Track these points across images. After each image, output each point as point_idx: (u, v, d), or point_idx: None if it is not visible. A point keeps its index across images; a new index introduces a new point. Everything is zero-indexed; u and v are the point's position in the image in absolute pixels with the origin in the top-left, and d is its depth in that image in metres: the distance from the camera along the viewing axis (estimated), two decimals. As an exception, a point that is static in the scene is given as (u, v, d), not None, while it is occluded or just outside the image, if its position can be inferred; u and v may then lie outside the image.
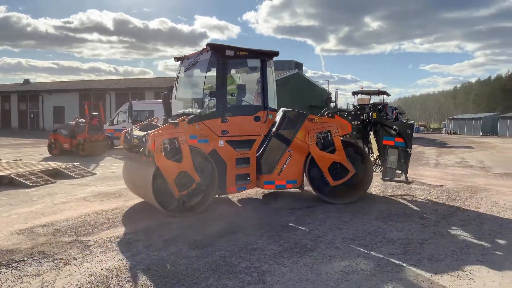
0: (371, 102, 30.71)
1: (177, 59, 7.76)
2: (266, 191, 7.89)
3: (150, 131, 6.16)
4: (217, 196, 6.92)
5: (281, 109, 7.56)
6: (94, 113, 16.62)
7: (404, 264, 4.15)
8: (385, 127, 7.73)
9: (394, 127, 7.61)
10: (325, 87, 38.52)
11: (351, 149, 7.37)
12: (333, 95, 38.45)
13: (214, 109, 6.86)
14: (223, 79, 6.83)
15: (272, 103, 7.40)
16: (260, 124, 7.17)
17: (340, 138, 7.23)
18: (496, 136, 45.43)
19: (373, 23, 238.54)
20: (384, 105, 32.05)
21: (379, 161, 8.07)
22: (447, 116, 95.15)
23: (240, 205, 7.14)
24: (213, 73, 6.85)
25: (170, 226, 5.60)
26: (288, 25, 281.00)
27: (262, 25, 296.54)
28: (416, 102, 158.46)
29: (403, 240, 4.95)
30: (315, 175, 7.24)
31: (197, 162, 6.39)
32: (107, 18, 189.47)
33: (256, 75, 7.40)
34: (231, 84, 7.42)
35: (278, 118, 7.34)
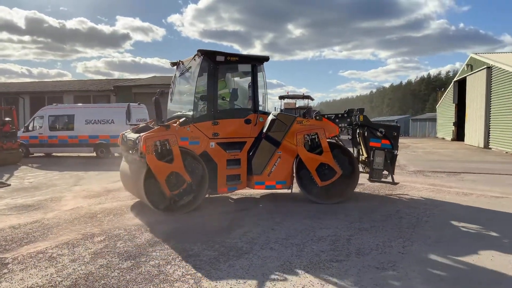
0: (297, 106, 31.84)
1: (173, 64, 8.13)
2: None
3: (142, 133, 6.52)
4: (207, 195, 7.21)
5: (272, 112, 7.94)
6: (7, 118, 15.26)
7: (334, 260, 4.36)
8: (371, 129, 7.85)
9: (380, 129, 7.72)
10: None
11: (338, 150, 7.58)
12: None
13: (205, 112, 7.19)
14: (213, 83, 7.17)
15: (263, 106, 7.83)
16: (251, 127, 7.48)
17: (328, 140, 7.51)
18: (408, 136, 49.43)
19: (296, 31, 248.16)
20: (309, 108, 33.44)
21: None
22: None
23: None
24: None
25: (95, 238, 5.31)
26: (214, 29, 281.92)
27: (188, 28, 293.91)
28: (337, 106, 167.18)
29: (332, 237, 5.20)
30: (304, 176, 7.49)
31: (188, 163, 6.70)
32: (17, 16, 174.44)
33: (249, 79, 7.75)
34: (224, 88, 7.80)
35: (268, 120, 7.56)
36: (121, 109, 16.05)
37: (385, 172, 7.79)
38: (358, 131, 8.06)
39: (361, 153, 8.31)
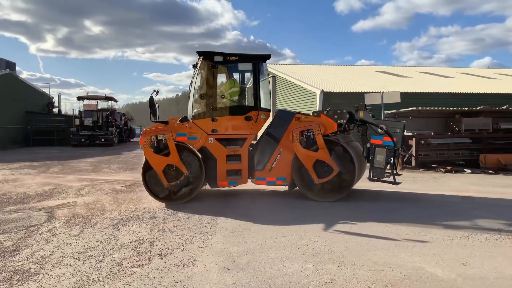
0: (99, 107, 29.91)
1: (194, 66, 8.40)
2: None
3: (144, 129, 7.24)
4: (204, 188, 7.85)
5: (276, 109, 7.82)
6: None
7: (136, 266, 4.29)
8: (372, 126, 7.55)
9: (381, 125, 7.38)
10: (46, 90, 34.80)
11: (339, 148, 7.42)
12: (56, 100, 35.24)
13: (204, 110, 7.67)
14: (212, 82, 7.61)
15: (266, 103, 8.07)
16: (252, 124, 7.69)
17: (329, 137, 7.40)
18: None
19: (94, 28, 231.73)
20: (112, 111, 31.83)
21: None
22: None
23: None
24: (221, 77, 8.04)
25: None
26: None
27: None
28: (144, 108, 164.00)
29: (134, 243, 5.10)
30: (304, 173, 7.45)
31: (184, 157, 7.31)
32: None
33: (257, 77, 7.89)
34: (233, 87, 8.06)
35: (271, 117, 7.83)
36: None
37: (387, 171, 7.44)
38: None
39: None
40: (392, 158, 7.34)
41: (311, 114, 7.90)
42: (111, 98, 31.11)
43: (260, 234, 5.43)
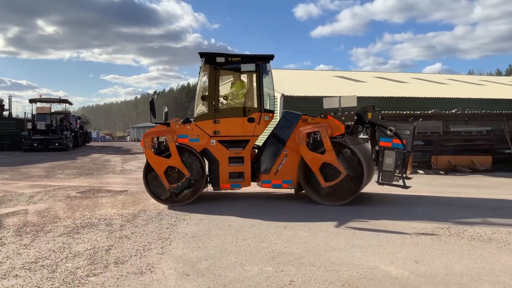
0: (53, 110, 28.73)
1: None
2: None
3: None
4: (211, 190, 7.87)
5: (282, 110, 7.65)
6: None
7: (91, 275, 4.14)
8: (381, 128, 7.33)
9: (390, 127, 7.17)
10: (-5, 93, 33.04)
11: (347, 150, 7.22)
12: (6, 103, 33.45)
13: (206, 111, 7.63)
14: (214, 84, 7.57)
15: (271, 105, 8.01)
16: (254, 126, 7.60)
17: (336, 139, 7.20)
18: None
19: (48, 27, 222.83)
20: (67, 114, 30.69)
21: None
22: (130, 125, 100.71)
23: None
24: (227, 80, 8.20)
25: None
26: None
27: None
28: (101, 111, 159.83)
29: (89, 251, 4.92)
30: (311, 176, 7.29)
31: (186, 159, 7.36)
32: None
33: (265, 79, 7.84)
34: (242, 88, 8.07)
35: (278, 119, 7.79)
36: None
37: (396, 174, 7.26)
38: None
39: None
40: (401, 161, 7.15)
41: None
42: (65, 101, 30.02)
43: (221, 238, 5.40)
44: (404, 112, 14.55)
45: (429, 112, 14.62)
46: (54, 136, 25.91)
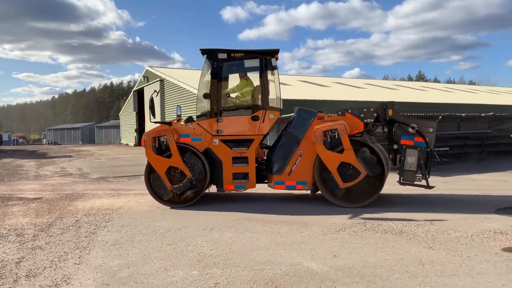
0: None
1: None
2: None
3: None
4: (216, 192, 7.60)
5: (295, 108, 7.51)
6: None
7: (-3, 291, 3.79)
8: (402, 125, 6.95)
9: (412, 125, 6.81)
10: None
11: (366, 149, 6.90)
12: None
13: (208, 110, 7.34)
14: (217, 81, 7.29)
15: (276, 102, 7.64)
16: (259, 124, 7.27)
17: (355, 138, 6.91)
18: (94, 144, 49.07)
19: None
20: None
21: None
22: (47, 127, 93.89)
23: None
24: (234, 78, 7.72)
25: None
26: None
27: None
28: (13, 112, 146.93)
29: (-4, 265, 4.49)
30: (327, 176, 6.96)
31: (187, 158, 7.14)
32: None
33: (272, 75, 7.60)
34: (247, 86, 7.68)
35: (291, 117, 7.40)
36: None
37: (418, 174, 6.95)
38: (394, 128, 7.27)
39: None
40: (424, 160, 6.91)
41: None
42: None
43: (144, 244, 5.23)
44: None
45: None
46: (-44, 140, 23.27)
